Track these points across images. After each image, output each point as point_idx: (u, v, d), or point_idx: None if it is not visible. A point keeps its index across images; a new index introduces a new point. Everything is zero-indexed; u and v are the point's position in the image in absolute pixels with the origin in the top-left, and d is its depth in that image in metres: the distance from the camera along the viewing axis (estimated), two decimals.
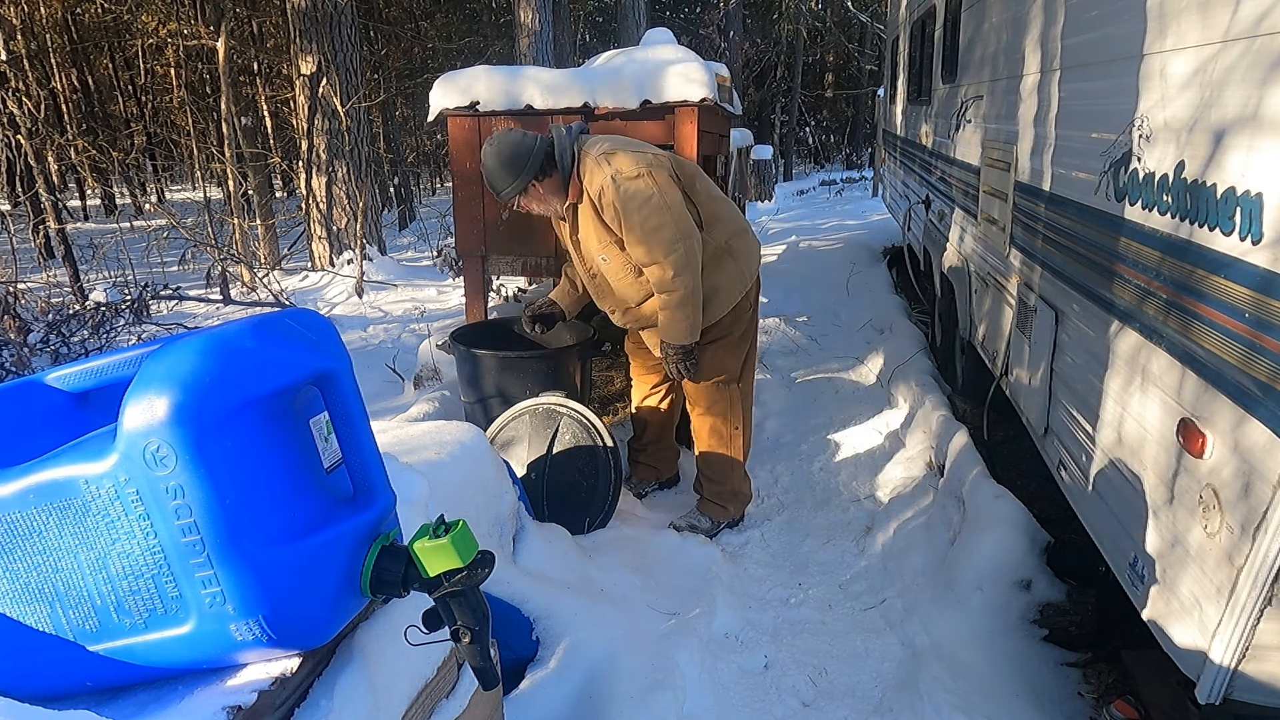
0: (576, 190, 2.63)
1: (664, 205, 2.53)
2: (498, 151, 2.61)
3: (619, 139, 2.73)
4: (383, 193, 12.23)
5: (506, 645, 2.05)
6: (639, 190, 2.52)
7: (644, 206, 2.52)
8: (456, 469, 2.03)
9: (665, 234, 2.53)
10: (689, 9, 19.05)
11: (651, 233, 2.54)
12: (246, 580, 0.93)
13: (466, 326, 3.63)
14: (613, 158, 2.57)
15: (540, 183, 2.63)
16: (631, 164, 2.55)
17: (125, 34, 14.12)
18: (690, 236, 2.58)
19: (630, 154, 2.59)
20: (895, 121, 6.53)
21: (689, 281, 2.60)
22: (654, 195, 2.52)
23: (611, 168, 2.55)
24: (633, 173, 2.53)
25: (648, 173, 2.54)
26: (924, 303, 5.54)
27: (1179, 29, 1.65)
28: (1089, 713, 2.11)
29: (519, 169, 2.59)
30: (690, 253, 2.58)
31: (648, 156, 2.61)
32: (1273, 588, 1.35)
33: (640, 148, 2.67)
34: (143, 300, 4.59)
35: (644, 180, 2.53)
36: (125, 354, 1.08)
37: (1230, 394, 1.44)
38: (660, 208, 2.53)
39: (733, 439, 3.01)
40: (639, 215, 2.52)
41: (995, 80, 3.14)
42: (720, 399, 2.95)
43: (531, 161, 2.59)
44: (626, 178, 2.53)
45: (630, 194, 2.52)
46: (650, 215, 2.52)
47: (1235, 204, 1.42)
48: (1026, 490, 2.87)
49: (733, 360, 2.92)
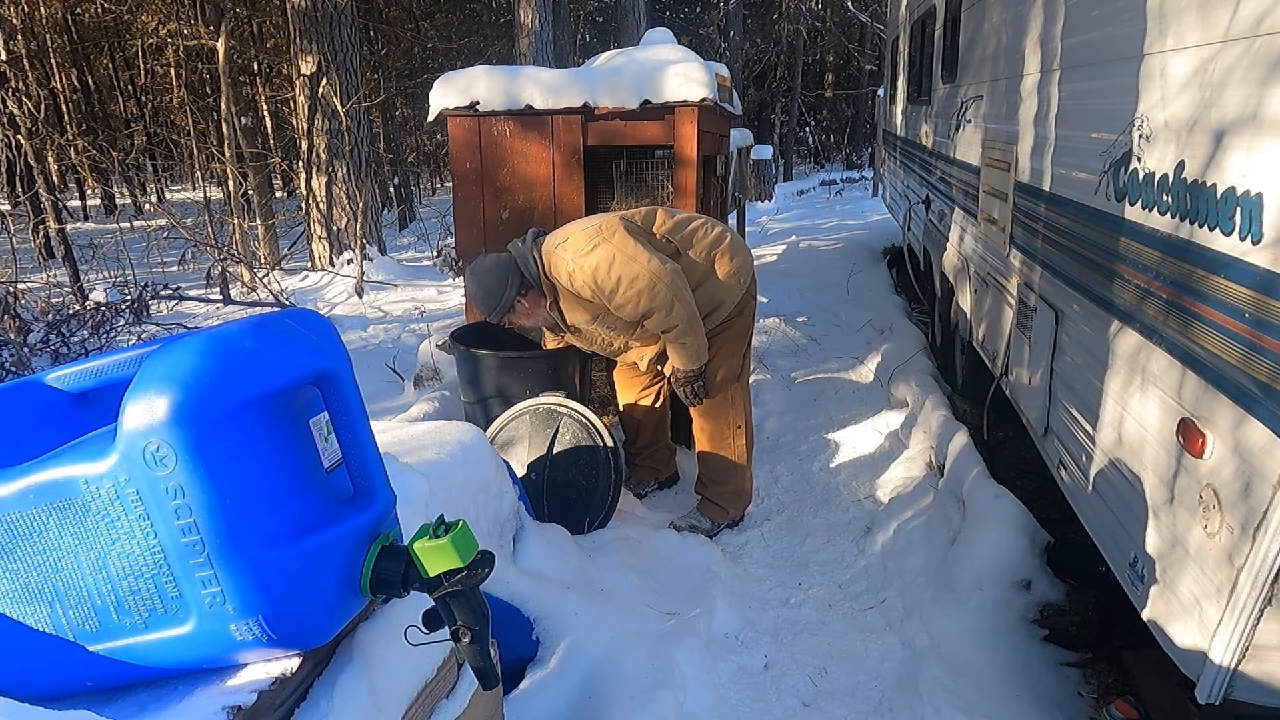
0: (549, 287, 2.76)
1: (628, 258, 2.60)
2: (478, 283, 2.78)
3: (572, 224, 2.83)
4: (383, 193, 12.23)
5: (506, 645, 2.05)
6: (600, 259, 2.61)
7: (612, 269, 2.61)
8: (456, 469, 2.03)
9: (641, 283, 2.60)
10: (689, 9, 19.05)
11: (630, 288, 2.61)
12: (246, 580, 0.93)
13: (466, 326, 3.63)
14: (565, 245, 2.68)
15: (524, 298, 2.77)
16: (585, 239, 2.66)
17: (125, 34, 14.14)
18: (667, 274, 2.63)
19: (580, 231, 2.71)
20: (895, 121, 6.53)
21: (684, 313, 2.67)
22: (615, 256, 2.61)
23: (568, 254, 2.66)
24: (587, 247, 2.64)
25: (600, 240, 2.64)
26: (924, 303, 5.54)
27: (1179, 29, 1.65)
28: (1089, 713, 2.11)
29: (500, 292, 2.73)
30: (673, 287, 2.64)
31: (594, 225, 2.72)
32: (1273, 588, 1.35)
33: (589, 223, 2.76)
34: (143, 300, 4.59)
35: (601, 248, 2.62)
36: (125, 354, 1.08)
37: (1230, 394, 1.44)
38: (626, 261, 2.60)
39: (733, 438, 3.01)
40: (610, 279, 2.61)
41: (995, 80, 3.14)
42: (720, 398, 2.96)
43: (511, 281, 2.73)
44: (584, 253, 2.63)
45: (594, 266, 2.62)
46: (621, 274, 2.60)
47: (1235, 204, 1.42)
48: (1026, 490, 2.87)
49: (732, 358, 2.94)
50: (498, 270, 2.75)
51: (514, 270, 2.75)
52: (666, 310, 2.64)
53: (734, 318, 2.90)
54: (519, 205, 3.57)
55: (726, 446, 3.01)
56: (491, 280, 2.74)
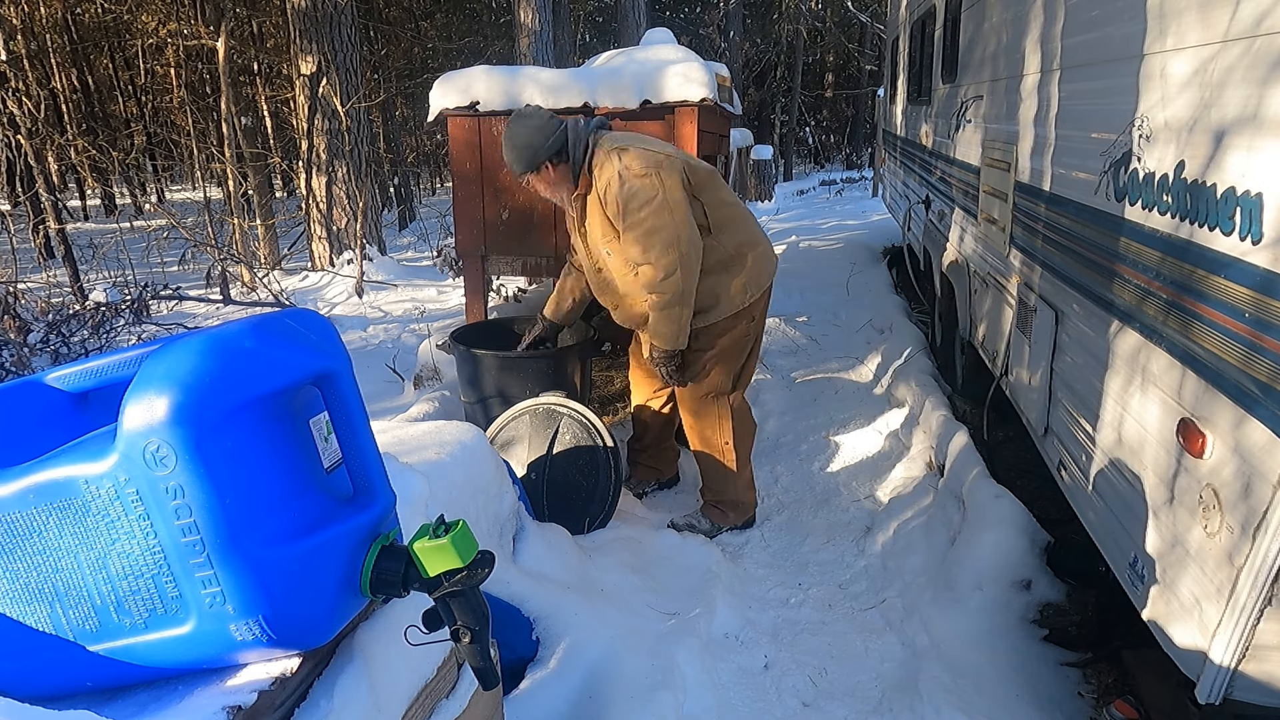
0: (586, 182, 2.64)
1: (665, 206, 2.52)
2: (519, 128, 2.63)
3: (636, 136, 2.72)
4: (383, 193, 12.23)
5: (506, 645, 2.05)
6: (642, 189, 2.52)
7: (645, 206, 2.52)
8: (456, 469, 2.03)
9: (662, 236, 2.53)
10: (689, 9, 19.05)
11: (648, 233, 2.53)
12: (246, 580, 0.93)
13: (466, 326, 3.64)
14: (624, 154, 2.57)
15: (553, 167, 2.64)
16: (640, 162, 2.55)
17: (125, 34, 14.14)
18: (688, 243, 2.56)
19: (641, 151, 2.59)
20: (895, 121, 6.53)
21: (678, 286, 2.58)
22: (657, 195, 2.52)
23: (620, 163, 2.55)
24: (640, 170, 2.53)
25: (655, 173, 2.53)
26: (924, 303, 5.54)
27: (1179, 29, 1.65)
28: (1089, 713, 2.11)
29: (534, 150, 2.60)
30: (686, 259, 2.56)
31: (659, 156, 2.59)
32: (1273, 588, 1.35)
33: (654, 147, 2.65)
34: (143, 300, 4.59)
35: (650, 179, 2.52)
36: (125, 354, 1.08)
37: (1230, 394, 1.44)
38: (661, 208, 2.52)
39: (724, 451, 2.96)
40: (638, 214, 2.52)
41: (995, 80, 3.14)
42: (708, 412, 2.92)
43: (549, 145, 2.60)
44: (633, 174, 2.53)
45: (633, 191, 2.52)
46: (649, 215, 2.52)
47: (1235, 204, 1.42)
48: (1026, 490, 2.87)
49: (722, 374, 2.86)
50: (545, 126, 2.61)
51: (561, 136, 2.62)
52: (664, 275, 2.55)
53: (725, 328, 2.79)
54: (519, 205, 3.57)
55: (719, 457, 2.97)
56: (534, 132, 2.60)
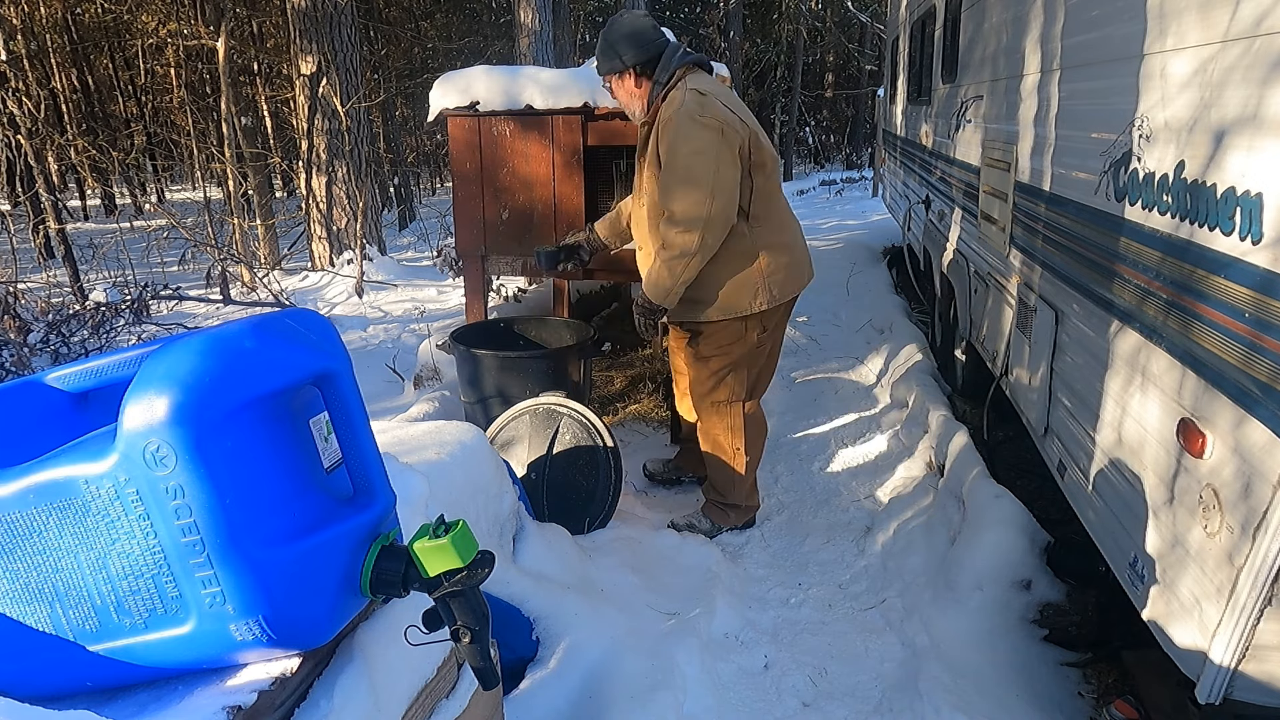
0: (655, 111, 2.56)
1: (714, 161, 2.40)
2: (623, 20, 2.58)
3: (723, 89, 2.59)
4: (383, 193, 12.23)
5: (506, 645, 2.05)
6: (698, 135, 2.40)
7: (695, 154, 2.40)
8: (456, 469, 2.03)
9: (698, 187, 2.40)
10: (689, 9, 19.04)
11: (685, 179, 2.41)
12: (246, 580, 0.93)
13: (466, 326, 3.64)
14: (699, 97, 2.44)
15: (636, 77, 2.57)
16: (709, 111, 2.42)
17: (125, 34, 14.14)
18: (720, 207, 2.43)
19: (716, 104, 2.45)
20: (895, 121, 6.53)
21: (693, 243, 2.45)
22: (709, 148, 2.40)
23: (690, 103, 2.44)
24: (704, 117, 2.41)
25: (719, 127, 2.41)
26: (924, 303, 5.54)
27: (1179, 29, 1.65)
28: (1089, 713, 2.11)
29: (627, 53, 2.53)
30: (711, 221, 2.43)
31: (730, 115, 2.46)
32: (1273, 588, 1.35)
33: (731, 104, 2.51)
34: (143, 300, 4.59)
35: (710, 131, 2.40)
36: (125, 354, 1.08)
37: (1230, 394, 1.44)
38: (708, 160, 2.39)
39: (735, 455, 2.92)
40: (686, 157, 2.41)
41: (995, 80, 3.14)
42: (721, 417, 2.89)
43: (643, 51, 2.53)
44: (696, 117, 2.41)
45: (689, 134, 2.40)
46: (695, 163, 2.40)
47: (1235, 204, 1.42)
48: (1026, 490, 2.87)
49: (735, 382, 2.81)
50: (649, 32, 2.55)
51: (657, 49, 2.54)
52: (683, 227, 2.44)
53: (735, 334, 2.71)
54: (519, 205, 3.57)
55: (729, 461, 2.95)
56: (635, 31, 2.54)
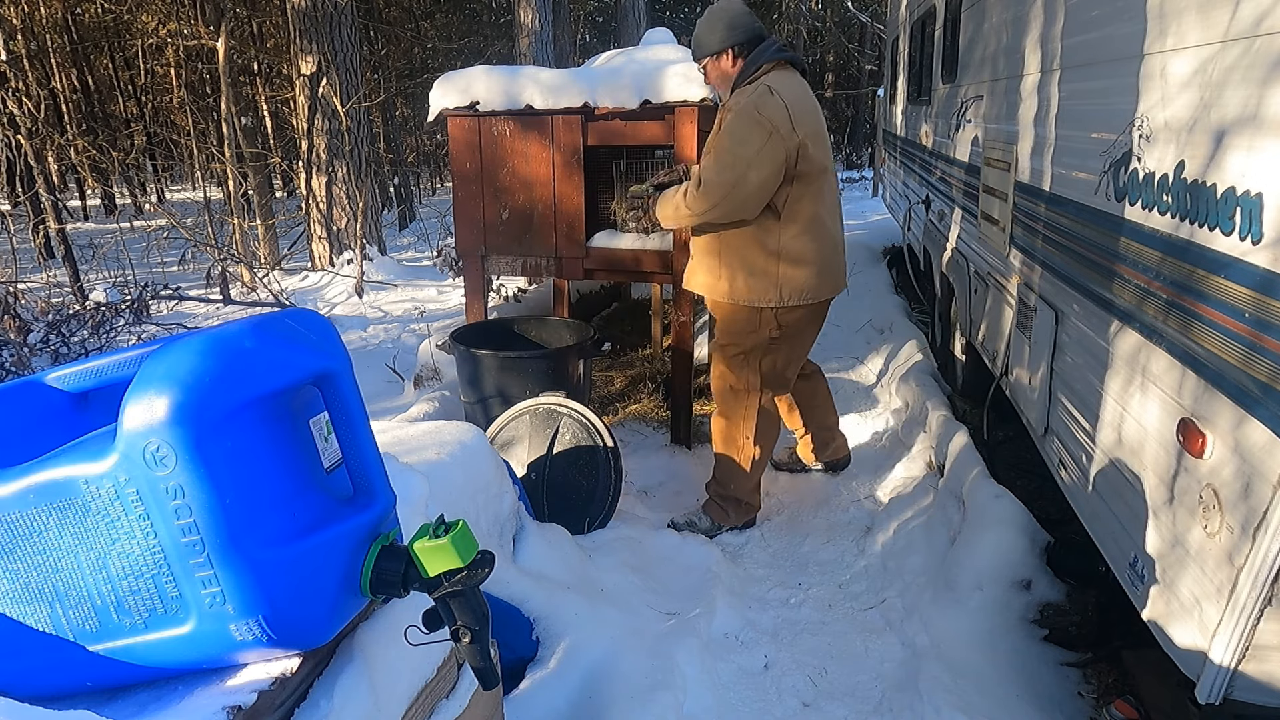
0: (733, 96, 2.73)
1: (750, 160, 2.59)
2: (719, 10, 2.75)
3: (799, 93, 2.70)
4: (383, 193, 12.23)
5: (506, 645, 2.05)
6: (750, 131, 2.58)
7: (741, 143, 2.59)
8: (456, 469, 2.03)
9: (732, 170, 2.59)
10: (689, 9, 19.04)
11: (722, 160, 2.61)
12: (246, 580, 0.93)
13: (466, 326, 3.64)
14: (767, 95, 2.60)
15: (733, 60, 2.74)
16: (771, 111, 2.59)
17: (125, 34, 14.14)
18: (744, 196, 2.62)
19: (781, 105, 2.60)
20: (895, 121, 6.53)
21: (698, 209, 2.68)
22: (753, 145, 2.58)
23: (759, 99, 2.61)
24: (764, 115, 2.58)
25: (772, 129, 2.58)
26: (924, 303, 5.54)
27: (1179, 29, 1.65)
28: (1089, 713, 2.11)
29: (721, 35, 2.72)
30: (721, 204, 2.63)
31: (788, 123, 2.60)
32: (1273, 588, 1.35)
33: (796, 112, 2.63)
34: (143, 300, 4.59)
35: (761, 131, 2.58)
36: (125, 354, 1.08)
37: (1230, 394, 1.44)
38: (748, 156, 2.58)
39: (743, 448, 2.97)
40: (731, 144, 2.61)
41: (995, 80, 3.14)
42: (734, 405, 2.95)
43: (743, 35, 2.71)
44: (757, 112, 2.58)
45: (743, 125, 2.59)
46: (737, 153, 2.59)
47: (1235, 204, 1.42)
48: (1026, 490, 2.87)
49: (747, 369, 2.90)
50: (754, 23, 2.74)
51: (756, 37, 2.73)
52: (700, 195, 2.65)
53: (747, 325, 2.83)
54: (519, 205, 3.57)
55: (736, 452, 2.98)
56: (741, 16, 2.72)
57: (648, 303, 5.52)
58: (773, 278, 2.76)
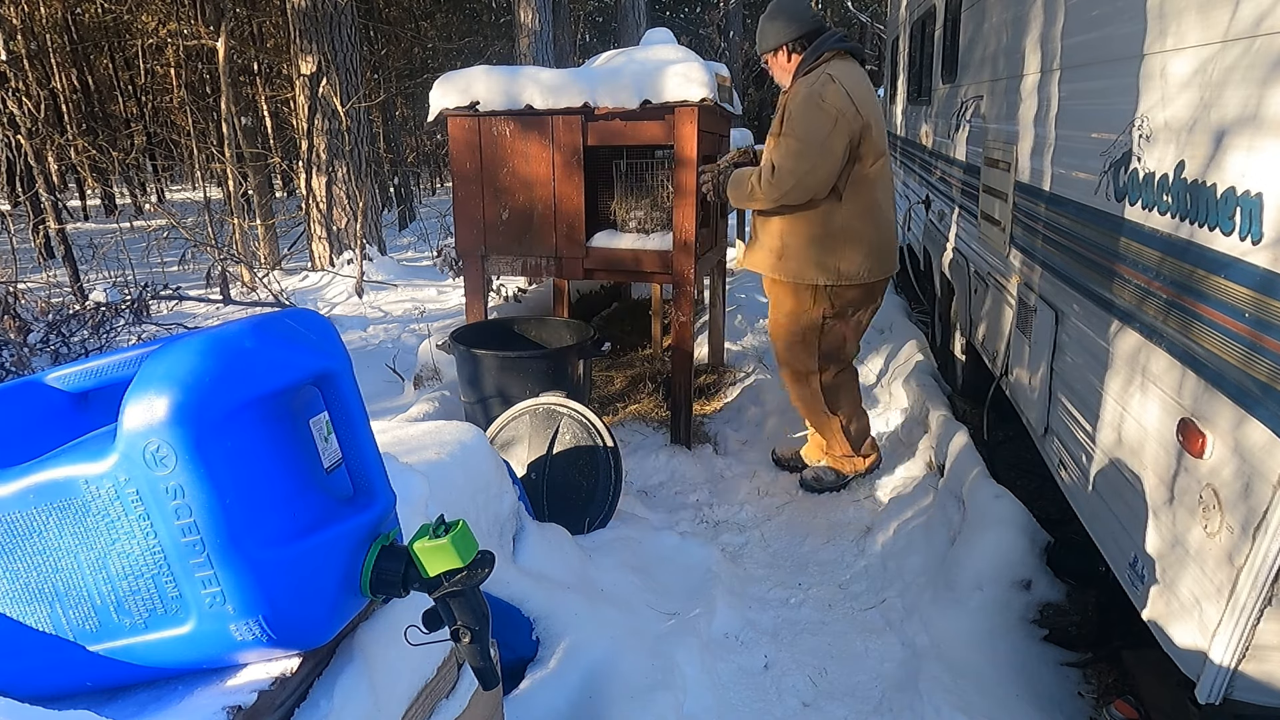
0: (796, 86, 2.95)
1: (822, 144, 2.80)
2: (779, 7, 3.00)
3: (856, 78, 2.89)
4: (383, 193, 12.23)
5: (506, 645, 2.05)
6: (816, 117, 2.80)
7: (809, 131, 2.80)
8: (456, 469, 2.03)
9: (803, 159, 2.81)
10: (689, 9, 19.05)
11: (792, 149, 2.82)
12: (246, 580, 0.93)
13: (466, 326, 3.64)
14: (828, 82, 2.81)
15: (790, 56, 2.99)
16: (833, 98, 2.80)
17: (125, 34, 14.13)
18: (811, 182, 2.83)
19: (842, 91, 2.81)
20: (895, 121, 6.53)
21: (777, 196, 2.89)
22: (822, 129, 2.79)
23: (820, 86, 2.82)
24: (827, 102, 2.79)
25: (835, 116, 2.79)
26: (924, 303, 5.54)
27: (1179, 29, 1.65)
28: (1089, 713, 2.11)
29: (780, 29, 2.97)
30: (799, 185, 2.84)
31: (850, 107, 2.81)
32: (1273, 588, 1.35)
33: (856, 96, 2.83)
34: (143, 300, 4.59)
35: (827, 117, 2.79)
36: (125, 354, 1.08)
37: (1230, 394, 1.44)
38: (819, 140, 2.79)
39: (825, 422, 3.25)
40: (801, 133, 2.81)
41: (995, 80, 3.14)
42: (801, 388, 3.24)
43: (802, 30, 2.95)
44: (821, 100, 2.80)
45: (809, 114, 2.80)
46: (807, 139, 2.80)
47: (1235, 204, 1.42)
48: (1026, 490, 2.87)
49: (803, 353, 3.15)
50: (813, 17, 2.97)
51: (815, 31, 2.94)
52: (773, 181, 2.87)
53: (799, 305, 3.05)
54: (519, 205, 3.57)
55: (821, 426, 3.28)
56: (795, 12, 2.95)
57: (648, 303, 5.52)
58: (831, 257, 2.96)
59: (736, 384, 4.41)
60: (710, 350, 4.72)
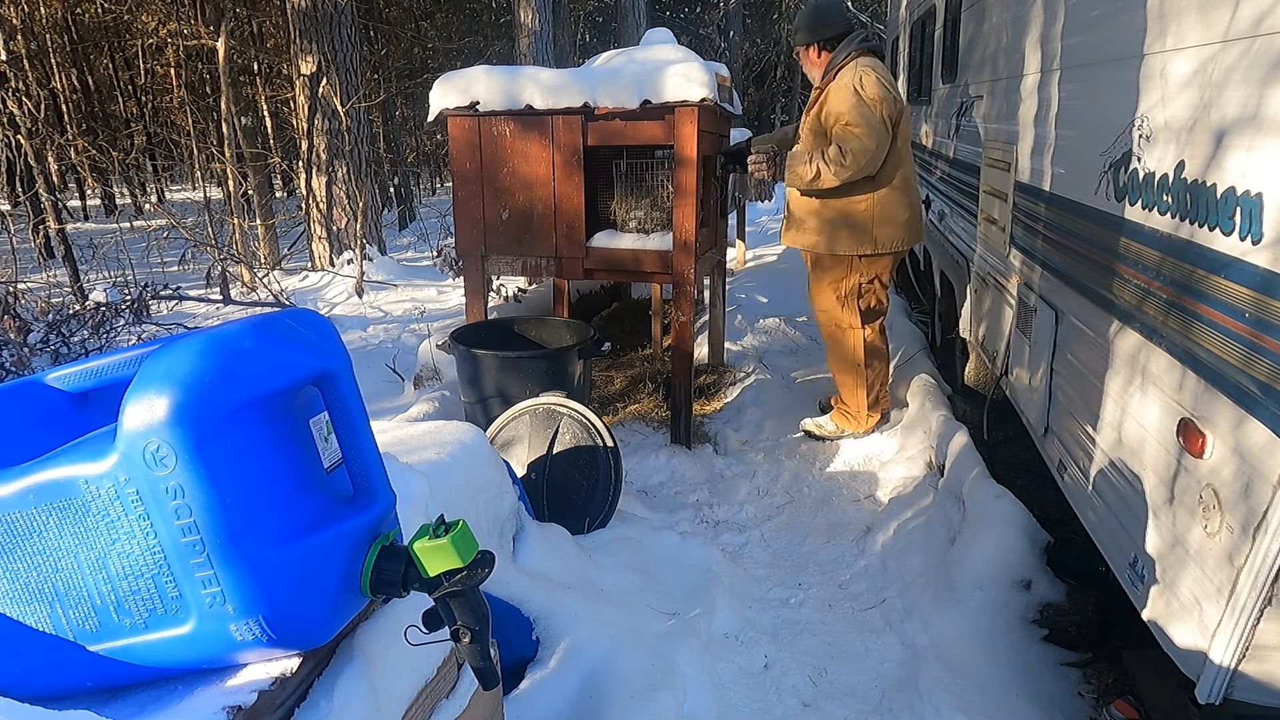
0: (827, 82, 3.35)
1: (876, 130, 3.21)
2: (812, 8, 3.42)
3: (884, 71, 3.32)
4: (383, 193, 12.23)
5: (506, 645, 2.05)
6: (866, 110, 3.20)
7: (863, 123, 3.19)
8: (456, 469, 2.03)
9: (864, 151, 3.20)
10: (689, 9, 19.04)
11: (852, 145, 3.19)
12: (246, 580, 0.93)
13: (466, 326, 3.64)
14: (866, 76, 3.23)
15: (821, 53, 3.40)
16: (875, 89, 3.22)
17: (125, 34, 14.13)
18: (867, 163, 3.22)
19: (879, 82, 3.24)
20: None
21: (849, 175, 3.24)
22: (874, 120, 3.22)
23: (859, 81, 3.22)
24: (873, 95, 3.21)
25: (880, 103, 3.21)
26: (924, 303, 5.54)
27: (1179, 29, 1.65)
28: (1089, 713, 2.11)
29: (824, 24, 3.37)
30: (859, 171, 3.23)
31: (890, 94, 3.26)
32: (1273, 588, 1.35)
33: (888, 84, 3.27)
34: (143, 300, 4.59)
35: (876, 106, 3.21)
36: (125, 354, 1.08)
37: (1230, 394, 1.44)
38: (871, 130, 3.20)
39: (857, 372, 3.60)
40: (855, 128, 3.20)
41: (995, 80, 3.14)
42: (845, 339, 3.60)
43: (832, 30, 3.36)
44: (867, 95, 3.21)
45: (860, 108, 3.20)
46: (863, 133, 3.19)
47: (1235, 204, 1.42)
48: (1026, 490, 2.87)
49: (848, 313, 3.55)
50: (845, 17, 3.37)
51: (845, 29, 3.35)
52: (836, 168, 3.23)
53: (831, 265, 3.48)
54: (519, 205, 3.57)
55: (849, 375, 3.62)
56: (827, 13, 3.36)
57: (648, 303, 5.52)
58: (868, 229, 3.36)
59: (736, 384, 4.41)
60: (710, 350, 4.72)
